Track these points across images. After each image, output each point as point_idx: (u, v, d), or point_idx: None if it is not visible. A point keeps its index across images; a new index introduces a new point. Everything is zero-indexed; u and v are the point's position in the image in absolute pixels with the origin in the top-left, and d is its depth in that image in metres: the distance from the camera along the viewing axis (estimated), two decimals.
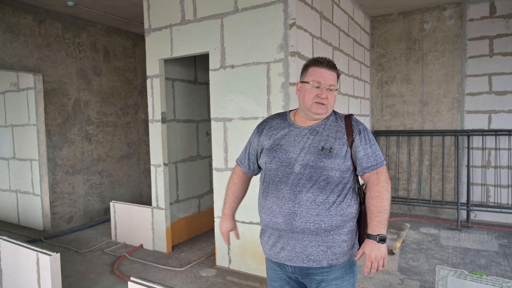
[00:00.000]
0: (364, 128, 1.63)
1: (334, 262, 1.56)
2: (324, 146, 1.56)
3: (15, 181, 5.52)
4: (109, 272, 3.69)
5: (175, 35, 3.89)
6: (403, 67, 5.60)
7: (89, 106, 5.60)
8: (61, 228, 5.20)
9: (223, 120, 3.63)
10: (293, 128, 1.65)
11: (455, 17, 5.19)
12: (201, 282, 3.42)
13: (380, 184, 1.55)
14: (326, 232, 1.53)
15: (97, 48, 5.72)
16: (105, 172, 5.85)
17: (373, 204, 1.53)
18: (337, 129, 1.60)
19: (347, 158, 1.56)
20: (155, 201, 4.25)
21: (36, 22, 4.90)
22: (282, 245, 1.60)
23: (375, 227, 1.51)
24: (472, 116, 5.16)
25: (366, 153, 1.57)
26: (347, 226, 1.57)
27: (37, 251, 2.87)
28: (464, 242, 4.33)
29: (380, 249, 1.48)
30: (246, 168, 1.84)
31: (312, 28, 3.52)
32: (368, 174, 1.58)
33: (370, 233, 1.51)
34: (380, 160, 1.59)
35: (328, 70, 1.59)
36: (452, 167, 5.33)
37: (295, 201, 1.54)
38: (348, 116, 1.65)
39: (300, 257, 1.56)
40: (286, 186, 1.56)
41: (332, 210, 1.53)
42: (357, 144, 1.57)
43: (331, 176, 1.53)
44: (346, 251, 1.58)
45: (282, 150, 1.61)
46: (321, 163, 1.53)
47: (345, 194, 1.56)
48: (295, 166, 1.56)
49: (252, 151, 1.79)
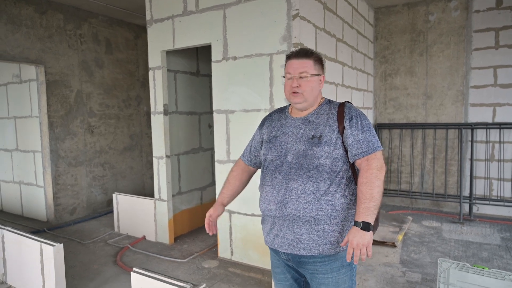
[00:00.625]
0: (358, 114, 1.61)
1: (326, 252, 1.56)
2: (314, 134, 1.59)
3: (18, 173, 5.55)
4: (112, 263, 3.72)
5: (177, 27, 3.86)
6: (407, 59, 5.55)
7: (91, 98, 5.59)
8: (64, 219, 5.23)
9: (225, 112, 3.62)
10: (289, 119, 1.71)
11: (461, 8, 5.12)
12: (204, 273, 3.44)
13: (370, 170, 1.51)
14: (316, 220, 1.55)
15: (99, 39, 5.70)
16: (108, 164, 5.87)
17: (361, 190, 1.50)
18: (329, 117, 1.63)
19: (338, 145, 1.57)
20: (157, 193, 4.26)
21: (37, 13, 4.87)
22: (276, 232, 1.65)
23: (361, 214, 1.48)
24: (476, 109, 5.12)
25: (357, 139, 1.55)
26: (340, 217, 1.57)
27: (40, 242, 2.89)
28: (466, 235, 4.32)
29: (364, 236, 1.44)
30: (248, 161, 1.90)
31: (315, 19, 3.49)
32: (359, 160, 1.56)
33: (356, 220, 1.49)
34: (373, 146, 1.55)
35: (298, 59, 1.63)
36: (455, 161, 5.30)
37: (286, 189, 1.58)
38: (342, 104, 1.67)
39: (291, 244, 1.59)
40: (280, 175, 1.61)
41: (322, 199, 1.54)
42: (347, 130, 1.57)
43: (322, 164, 1.55)
44: (339, 241, 1.57)
45: (278, 141, 1.67)
46: (310, 151, 1.56)
47: (338, 183, 1.56)
48: (288, 156, 1.61)
49: (254, 144, 1.85)
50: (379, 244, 4.00)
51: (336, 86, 4.06)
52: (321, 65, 1.68)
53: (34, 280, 2.98)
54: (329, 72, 3.84)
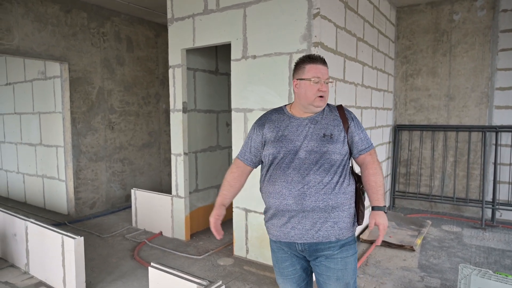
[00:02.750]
0: (354, 116, 1.86)
1: (341, 237, 1.73)
2: (325, 133, 1.74)
3: (41, 167, 5.71)
4: (130, 257, 3.78)
5: (198, 25, 3.89)
6: (430, 60, 5.43)
7: (112, 95, 5.70)
8: (84, 213, 5.36)
9: (243, 111, 3.62)
10: (294, 119, 1.81)
11: (487, 7, 4.97)
12: (219, 271, 3.46)
13: (375, 163, 1.80)
14: (333, 208, 1.70)
15: (120, 38, 5.80)
16: (127, 160, 5.97)
17: (373, 180, 1.77)
18: (334, 118, 1.80)
19: (345, 143, 1.76)
20: (175, 189, 4.31)
21: (62, 11, 5.00)
22: (292, 225, 1.73)
23: (380, 199, 1.75)
24: (501, 112, 4.97)
25: (360, 138, 1.80)
26: (348, 203, 1.75)
27: (62, 234, 2.97)
28: (488, 241, 4.20)
29: (385, 217, 1.75)
30: (248, 161, 1.96)
31: (336, 18, 3.45)
32: (364, 155, 1.81)
33: (378, 205, 1.75)
34: (371, 143, 1.84)
35: (323, 65, 1.78)
36: (478, 164, 5.16)
37: (303, 183, 1.69)
38: (339, 106, 1.86)
39: (310, 234, 1.71)
40: (294, 170, 1.71)
41: (336, 189, 1.71)
42: (352, 130, 1.79)
43: (334, 160, 1.72)
44: (349, 227, 1.76)
45: (287, 140, 1.76)
46: (324, 148, 1.71)
47: (345, 175, 1.75)
48: (300, 152, 1.73)
49: (254, 145, 1.90)
50: (397, 248, 3.93)
51: (355, 86, 4.00)
52: None
53: (55, 271, 3.06)
54: (349, 72, 3.80)
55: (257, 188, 3.58)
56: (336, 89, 3.54)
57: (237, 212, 3.75)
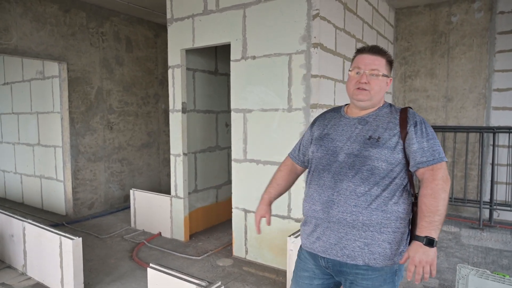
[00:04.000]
0: (422, 121, 1.50)
1: (372, 263, 1.45)
2: (372, 135, 1.49)
3: (39, 167, 5.69)
4: (128, 258, 3.78)
5: (197, 25, 3.89)
6: (428, 61, 5.45)
7: (111, 95, 5.69)
8: (82, 213, 5.34)
9: (243, 111, 3.63)
10: (344, 118, 1.62)
11: (485, 9, 5.00)
12: (218, 271, 3.46)
13: (435, 181, 1.40)
14: (364, 226, 1.44)
15: (119, 38, 5.79)
16: (126, 160, 5.96)
17: (424, 202, 1.39)
18: (390, 120, 1.52)
19: (397, 150, 1.46)
20: (174, 190, 4.31)
21: (61, 11, 4.99)
22: (318, 235, 1.54)
23: (424, 228, 1.37)
24: (499, 113, 4.99)
25: (421, 147, 1.44)
26: (391, 226, 1.45)
27: (60, 235, 2.96)
28: (486, 241, 4.22)
29: (427, 253, 1.33)
30: (296, 159, 1.82)
31: (335, 19, 3.46)
32: (423, 169, 1.45)
33: (418, 234, 1.38)
34: (439, 156, 1.44)
35: (371, 55, 1.54)
36: (475, 165, 5.18)
37: (334, 189, 1.49)
38: (404, 109, 1.55)
39: (334, 249, 1.49)
40: (329, 174, 1.52)
41: (373, 204, 1.44)
42: (412, 136, 1.46)
43: (376, 167, 1.45)
44: (388, 254, 1.45)
45: (329, 139, 1.59)
46: (366, 152, 1.47)
47: (393, 190, 1.46)
48: (340, 155, 1.52)
49: (304, 143, 1.78)
50: None
51: None
52: (391, 67, 1.60)
53: (53, 272, 3.05)
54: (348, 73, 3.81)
55: (256, 189, 3.61)
56: (336, 89, 3.55)
57: (236, 212, 3.75)
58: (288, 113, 3.34)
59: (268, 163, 3.48)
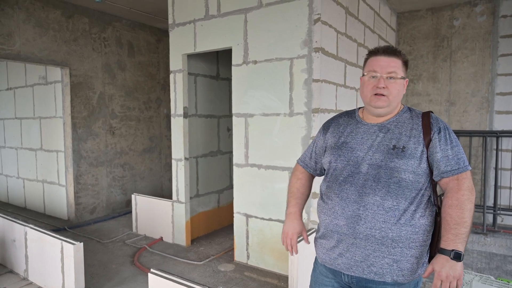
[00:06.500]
0: (446, 126, 1.42)
1: (400, 280, 1.39)
2: (396, 144, 1.40)
3: (41, 172, 5.71)
4: (130, 263, 3.76)
5: (199, 30, 3.90)
6: (430, 65, 5.44)
7: (113, 100, 5.71)
8: (84, 218, 5.34)
9: (244, 116, 3.62)
10: (361, 125, 1.52)
11: (487, 13, 4.99)
12: (220, 277, 3.44)
13: (461, 191, 1.33)
14: (393, 243, 1.36)
15: (122, 43, 5.82)
16: (128, 165, 5.96)
17: (449, 214, 1.32)
18: (412, 127, 1.43)
19: (423, 159, 1.38)
20: (175, 195, 4.30)
21: (64, 17, 5.02)
22: (340, 251, 1.45)
23: (450, 240, 1.29)
24: (502, 117, 4.96)
25: (446, 155, 1.37)
26: (419, 240, 1.38)
27: (61, 240, 2.95)
28: (489, 246, 4.18)
29: (454, 267, 1.26)
30: (307, 167, 1.72)
31: (337, 24, 3.46)
32: (447, 179, 1.37)
33: (444, 248, 1.30)
34: (463, 165, 1.37)
35: (386, 56, 1.44)
36: (478, 169, 5.14)
37: (360, 204, 1.40)
38: (426, 113, 1.46)
39: (360, 267, 1.41)
40: (351, 186, 1.43)
41: (402, 219, 1.36)
42: (435, 144, 1.38)
43: (404, 179, 1.37)
44: (414, 268, 1.40)
45: (348, 148, 1.48)
46: (391, 163, 1.38)
47: (418, 202, 1.38)
48: (362, 166, 1.43)
49: (316, 150, 1.67)
50: None
51: (357, 92, 4.01)
52: (407, 67, 1.50)
53: (54, 277, 3.04)
54: (349, 77, 3.81)
55: (258, 194, 3.60)
56: (337, 94, 3.54)
57: (238, 217, 3.73)
58: (290, 118, 3.33)
59: (269, 168, 3.47)
